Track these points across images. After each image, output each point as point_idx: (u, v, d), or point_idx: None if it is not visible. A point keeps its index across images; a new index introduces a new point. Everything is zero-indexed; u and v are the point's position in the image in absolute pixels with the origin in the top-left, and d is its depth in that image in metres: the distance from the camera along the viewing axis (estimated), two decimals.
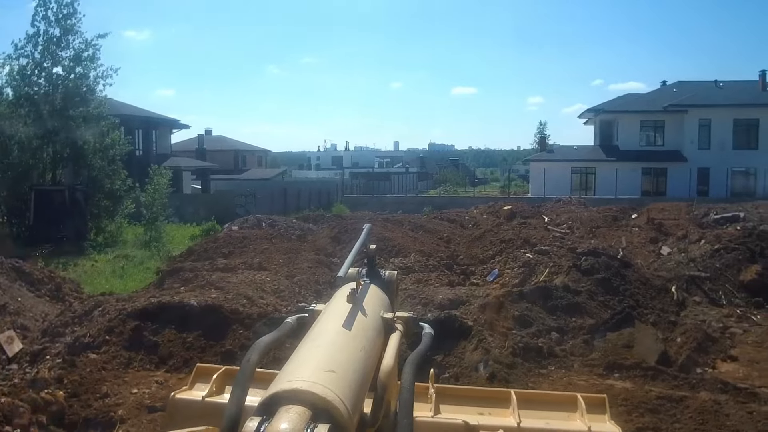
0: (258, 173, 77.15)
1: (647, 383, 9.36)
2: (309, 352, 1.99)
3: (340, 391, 1.72)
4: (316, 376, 1.73)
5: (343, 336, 2.12)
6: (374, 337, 2.31)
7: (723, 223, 25.01)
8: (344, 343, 2.08)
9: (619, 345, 10.64)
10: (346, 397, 1.72)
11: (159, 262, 23.40)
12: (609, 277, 14.28)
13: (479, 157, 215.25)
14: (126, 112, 49.28)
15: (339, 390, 1.71)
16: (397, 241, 21.09)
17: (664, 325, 13.24)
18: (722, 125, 56.23)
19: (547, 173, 55.19)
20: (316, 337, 2.12)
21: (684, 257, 17.68)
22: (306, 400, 1.63)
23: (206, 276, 14.55)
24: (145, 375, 9.55)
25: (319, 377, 1.73)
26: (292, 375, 1.76)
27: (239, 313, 10.69)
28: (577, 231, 26.04)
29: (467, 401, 3.74)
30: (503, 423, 3.40)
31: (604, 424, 3.47)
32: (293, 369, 1.82)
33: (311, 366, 1.83)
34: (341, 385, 1.75)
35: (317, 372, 1.77)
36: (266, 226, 26.24)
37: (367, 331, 2.26)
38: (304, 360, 1.91)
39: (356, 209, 44.46)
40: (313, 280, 16.14)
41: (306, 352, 1.99)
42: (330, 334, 2.14)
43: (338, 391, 1.71)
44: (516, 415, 3.43)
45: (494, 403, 3.69)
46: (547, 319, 11.54)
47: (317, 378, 1.72)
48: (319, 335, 2.14)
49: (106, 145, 30.49)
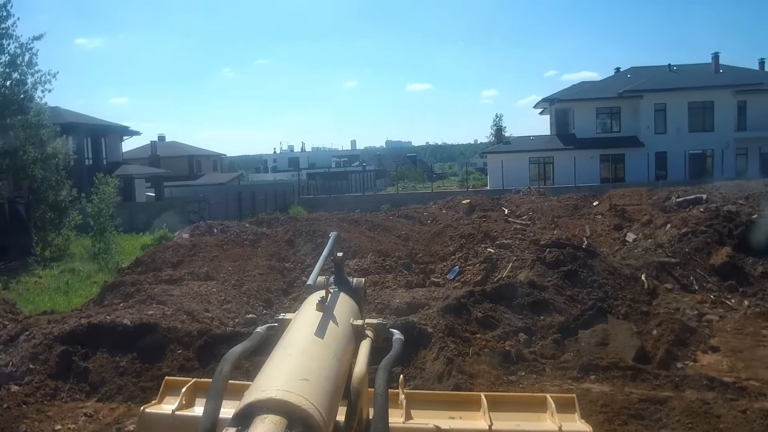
0: (213, 178, 75.65)
1: (627, 385, 8.61)
2: (282, 361, 1.97)
3: (315, 398, 1.72)
4: (290, 385, 1.73)
5: (315, 344, 2.11)
6: (345, 345, 2.29)
7: (686, 206, 24.43)
8: (316, 351, 2.07)
9: (592, 343, 9.88)
10: (320, 404, 1.72)
11: (107, 276, 22.30)
12: (575, 269, 13.58)
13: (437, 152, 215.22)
14: (73, 120, 47.79)
15: (313, 398, 1.71)
16: (353, 242, 20.22)
17: (636, 316, 12.60)
18: (677, 109, 56.16)
19: (505, 165, 54.57)
20: (288, 346, 2.10)
21: (651, 243, 17.04)
22: (281, 408, 1.63)
23: (148, 290, 13.56)
24: (73, 407, 8.59)
25: (293, 386, 1.73)
26: (266, 384, 1.75)
27: (177, 331, 9.76)
28: (538, 222, 25.43)
29: (438, 405, 3.75)
30: (474, 426, 3.43)
31: (575, 423, 3.50)
32: (267, 378, 1.81)
33: (285, 375, 1.82)
34: (315, 393, 1.75)
35: (291, 381, 1.77)
36: (218, 232, 25.28)
37: (338, 339, 2.25)
38: (277, 369, 1.90)
39: (313, 210, 43.77)
40: (264, 288, 15.24)
41: (278, 361, 1.98)
42: (301, 342, 2.12)
43: (313, 398, 1.71)
44: (487, 417, 3.43)
45: (465, 406, 3.69)
46: (513, 320, 10.73)
47: (291, 387, 1.72)
48: (291, 344, 2.12)
49: (47, 155, 29.02)
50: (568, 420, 3.50)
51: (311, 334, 2.16)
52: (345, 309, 2.58)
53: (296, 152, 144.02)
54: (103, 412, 8.31)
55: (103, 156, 52.81)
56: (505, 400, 3.85)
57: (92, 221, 27.10)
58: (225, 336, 9.66)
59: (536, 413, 3.61)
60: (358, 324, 2.54)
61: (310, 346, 2.09)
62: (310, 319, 2.29)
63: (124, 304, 12.75)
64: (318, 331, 2.19)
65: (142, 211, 42.27)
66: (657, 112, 56.82)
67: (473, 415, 3.58)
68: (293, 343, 2.12)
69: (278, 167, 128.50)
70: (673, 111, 56.27)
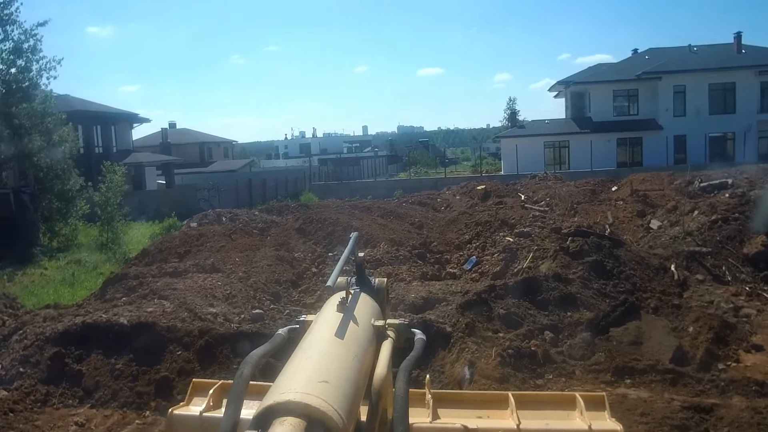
0: (224, 165, 74.94)
1: (666, 390, 7.88)
2: (301, 363, 1.96)
3: (335, 401, 1.70)
4: (309, 387, 1.71)
5: (335, 345, 2.10)
6: (366, 346, 2.28)
7: (710, 191, 23.60)
8: (337, 352, 2.05)
9: (625, 343, 9.10)
10: (340, 407, 1.70)
11: (114, 266, 21.70)
12: (601, 260, 12.82)
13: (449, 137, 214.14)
14: (82, 108, 47.21)
15: (333, 400, 1.69)
16: (365, 230, 19.47)
17: (667, 310, 11.85)
18: (697, 91, 54.72)
19: (520, 149, 53.64)
20: (308, 348, 2.09)
21: (679, 231, 16.23)
22: (300, 411, 1.61)
23: (151, 283, 12.90)
24: (64, 414, 7.95)
25: (312, 388, 1.71)
26: (285, 387, 1.73)
27: (177, 330, 9.07)
28: (556, 208, 24.62)
29: (465, 405, 3.64)
30: (502, 425, 3.33)
31: (605, 422, 3.38)
32: (286, 381, 1.80)
33: (304, 377, 1.81)
34: (335, 395, 1.73)
35: (311, 383, 1.75)
36: (226, 221, 24.68)
37: (359, 340, 2.24)
38: (296, 371, 1.88)
39: (325, 197, 43.19)
40: (272, 279, 14.57)
41: (298, 363, 1.96)
42: (322, 344, 2.12)
43: (332, 401, 1.68)
44: (515, 416, 3.33)
45: (492, 405, 3.59)
46: (538, 316, 9.97)
47: (311, 389, 1.70)
48: (311, 346, 2.12)
49: (53, 143, 28.34)
50: (597, 418, 3.38)
51: (332, 336, 2.15)
52: (366, 310, 2.57)
53: (307, 138, 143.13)
54: (96, 421, 7.67)
55: (113, 144, 52.10)
56: (533, 399, 3.78)
57: (100, 210, 26.46)
58: (227, 336, 8.98)
59: (565, 411, 3.50)
60: (380, 325, 2.53)
61: (330, 347, 2.08)
62: (331, 320, 2.29)
63: (125, 298, 12.10)
64: (338, 332, 2.18)
65: (151, 199, 41.68)
66: (676, 94, 55.44)
67: (501, 414, 3.46)
68: (313, 344, 2.11)
69: (289, 153, 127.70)
70: (692, 93, 54.83)
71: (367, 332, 2.39)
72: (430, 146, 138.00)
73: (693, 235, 15.81)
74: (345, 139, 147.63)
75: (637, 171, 37.62)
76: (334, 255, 17.07)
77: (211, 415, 3.46)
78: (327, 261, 16.64)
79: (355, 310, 2.45)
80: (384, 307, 2.88)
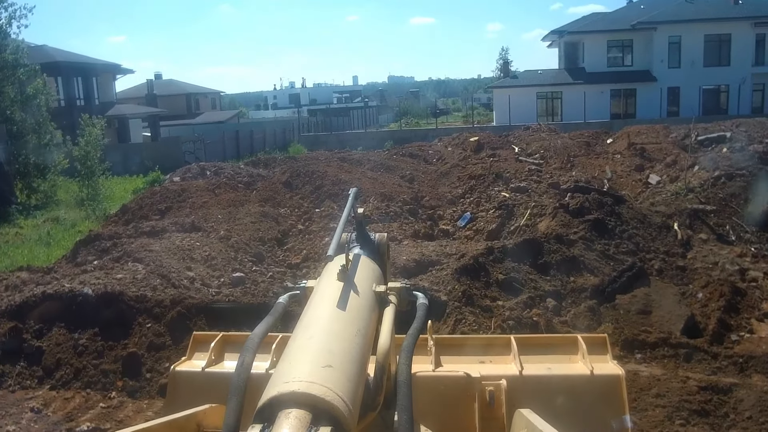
0: (212, 116, 73.43)
1: (680, 366, 7.23)
2: (303, 344, 1.88)
3: (340, 387, 1.64)
4: (313, 375, 1.65)
5: (338, 322, 2.01)
6: (369, 316, 2.20)
7: (708, 145, 22.80)
8: (339, 329, 1.96)
9: (633, 311, 8.40)
10: (345, 392, 1.64)
11: (93, 224, 20.90)
12: (603, 218, 12.11)
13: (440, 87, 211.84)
14: (61, 59, 45.88)
15: (338, 386, 1.64)
16: (355, 184, 18.68)
17: (671, 272, 11.24)
18: (693, 42, 53.47)
19: (512, 100, 52.68)
20: (309, 326, 2.00)
21: (681, 187, 15.50)
22: (305, 402, 1.56)
23: (126, 244, 12.11)
24: (21, 397, 7.24)
25: (316, 375, 1.65)
26: (288, 375, 1.66)
27: (147, 300, 8.31)
28: (552, 161, 23.87)
29: (467, 350, 3.61)
30: (505, 372, 3.29)
31: (606, 364, 3.38)
32: (289, 368, 1.72)
33: (307, 363, 1.73)
34: (340, 380, 1.68)
35: (314, 369, 1.68)
36: (211, 175, 23.90)
37: (361, 311, 2.15)
38: (299, 356, 1.80)
39: (314, 148, 42.57)
40: (256, 238, 13.86)
41: (300, 345, 1.88)
42: (323, 321, 2.02)
43: (337, 387, 1.63)
44: (517, 361, 3.34)
45: (494, 350, 3.57)
46: (540, 282, 9.26)
47: (315, 377, 1.64)
48: (312, 323, 2.02)
49: (27, 96, 27.25)
50: (600, 361, 3.38)
51: (333, 310, 2.07)
52: (367, 275, 2.47)
53: (297, 89, 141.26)
54: (55, 405, 6.96)
55: (95, 96, 50.51)
56: (536, 342, 3.71)
57: (79, 165, 25.53)
58: (201, 306, 8.20)
59: (567, 355, 3.48)
60: (381, 290, 2.43)
61: (332, 324, 1.99)
62: (331, 291, 2.19)
63: (97, 262, 11.36)
64: (340, 305, 2.09)
65: (135, 152, 40.55)
66: (671, 45, 54.21)
67: (504, 359, 3.46)
68: (314, 322, 2.02)
69: (279, 104, 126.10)
70: (688, 44, 53.65)
71: (370, 300, 2.30)
72: (421, 97, 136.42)
73: (695, 191, 15.12)
74: (335, 89, 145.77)
75: (630, 123, 37.20)
76: (322, 211, 16.36)
77: (213, 371, 3.47)
78: (313, 217, 15.93)
79: (355, 277, 2.35)
80: (385, 263, 2.83)
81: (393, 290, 2.51)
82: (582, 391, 3.28)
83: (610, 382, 3.28)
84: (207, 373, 3.44)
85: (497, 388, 3.15)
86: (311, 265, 12.74)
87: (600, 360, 3.39)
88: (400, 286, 2.57)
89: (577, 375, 3.31)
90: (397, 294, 2.51)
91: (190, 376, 3.47)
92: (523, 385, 3.21)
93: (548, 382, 3.31)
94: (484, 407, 3.16)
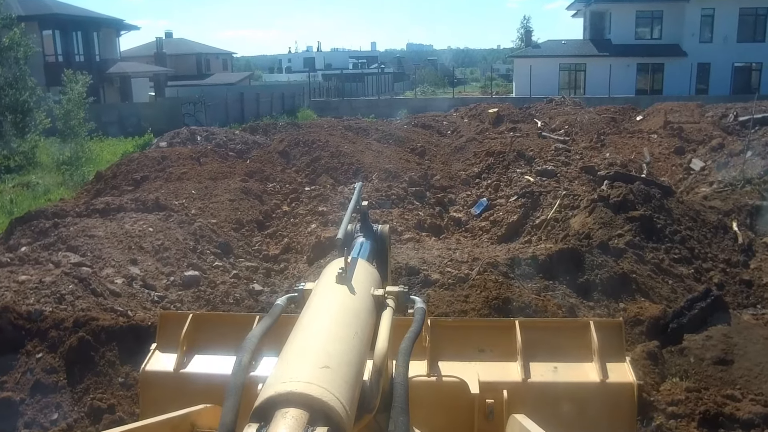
0: (222, 78, 71.00)
1: None
2: (301, 345, 1.85)
3: (337, 388, 1.62)
4: (310, 375, 1.62)
5: (336, 324, 1.98)
6: (367, 319, 2.15)
7: (751, 126, 20.40)
8: (337, 332, 1.93)
9: (708, 360, 6.05)
10: (342, 393, 1.62)
11: (68, 191, 18.80)
12: (650, 215, 9.85)
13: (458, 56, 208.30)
14: (59, 11, 43.58)
15: (335, 387, 1.61)
16: (356, 158, 16.42)
17: (735, 287, 9.01)
18: (727, 15, 50.47)
19: (533, 70, 50.17)
20: (307, 327, 1.97)
21: (737, 178, 13.19)
22: (302, 402, 1.54)
23: (68, 225, 9.91)
24: None
25: (313, 376, 1.62)
26: (285, 375, 1.63)
27: (42, 319, 6.03)
28: (578, 138, 21.58)
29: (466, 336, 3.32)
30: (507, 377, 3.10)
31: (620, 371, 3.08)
32: (286, 368, 1.70)
33: (304, 363, 1.71)
34: (337, 382, 1.65)
35: (312, 370, 1.66)
36: (201, 141, 21.75)
37: (359, 314, 2.11)
38: (296, 356, 1.78)
39: (324, 114, 40.56)
40: (231, 220, 11.74)
41: (298, 345, 1.86)
42: (321, 323, 2.00)
43: (334, 388, 1.61)
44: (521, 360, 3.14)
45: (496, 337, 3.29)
46: (581, 308, 6.94)
47: (312, 377, 1.61)
48: (310, 325, 1.99)
49: (3, 47, 24.90)
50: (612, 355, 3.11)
51: (331, 313, 2.04)
52: (365, 278, 2.40)
53: (312, 53, 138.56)
54: None
55: (96, 52, 48.05)
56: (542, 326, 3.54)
57: (60, 125, 23.37)
58: (115, 329, 5.90)
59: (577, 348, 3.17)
60: (379, 294, 2.34)
61: (330, 326, 1.95)
62: (329, 294, 2.17)
63: (26, 248, 9.18)
64: (338, 307, 2.07)
65: (132, 112, 38.19)
66: (704, 18, 51.21)
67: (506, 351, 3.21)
68: (312, 324, 1.99)
69: (293, 68, 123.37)
70: (721, 18, 50.67)
71: (368, 304, 2.21)
72: (439, 65, 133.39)
73: (753, 183, 12.85)
74: (351, 54, 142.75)
75: (657, 100, 35.06)
76: (312, 190, 14.18)
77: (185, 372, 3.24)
78: (302, 197, 13.74)
79: (353, 279, 2.25)
80: (387, 256, 2.88)
81: (391, 294, 2.36)
82: (590, 399, 3.04)
83: (621, 391, 3.05)
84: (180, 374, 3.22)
85: (498, 400, 2.99)
86: (291, 259, 10.54)
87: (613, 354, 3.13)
88: (398, 290, 2.39)
89: (585, 383, 3.07)
90: (396, 298, 2.35)
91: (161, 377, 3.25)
92: (526, 393, 3.03)
93: (554, 390, 3.07)
94: (483, 420, 3.00)
